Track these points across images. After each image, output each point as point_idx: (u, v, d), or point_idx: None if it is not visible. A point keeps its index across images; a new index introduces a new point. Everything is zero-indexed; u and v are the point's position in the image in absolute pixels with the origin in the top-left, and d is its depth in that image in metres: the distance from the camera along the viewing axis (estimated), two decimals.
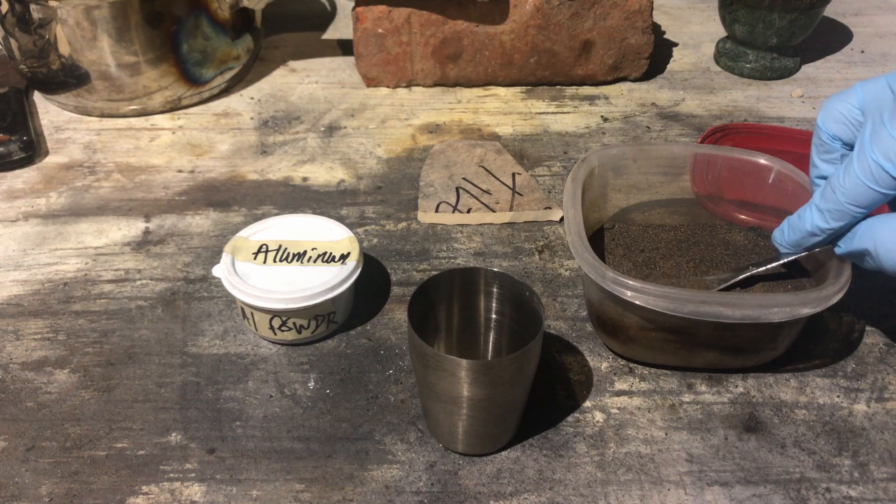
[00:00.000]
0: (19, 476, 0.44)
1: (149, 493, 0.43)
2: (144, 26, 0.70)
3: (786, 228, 0.47)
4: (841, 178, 0.41)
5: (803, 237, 0.45)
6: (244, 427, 0.46)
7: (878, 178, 0.39)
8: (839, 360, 0.51)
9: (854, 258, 0.43)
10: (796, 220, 0.45)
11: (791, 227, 0.46)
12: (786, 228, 0.47)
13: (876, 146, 0.39)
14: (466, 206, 0.62)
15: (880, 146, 0.39)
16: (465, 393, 0.40)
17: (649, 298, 0.43)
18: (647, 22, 0.77)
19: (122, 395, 0.48)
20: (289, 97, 0.79)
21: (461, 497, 0.43)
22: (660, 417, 0.47)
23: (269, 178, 0.67)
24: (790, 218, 0.46)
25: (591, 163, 0.54)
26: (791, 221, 0.46)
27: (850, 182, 0.41)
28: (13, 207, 0.64)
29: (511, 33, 0.76)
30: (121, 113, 0.75)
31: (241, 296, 0.48)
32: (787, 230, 0.46)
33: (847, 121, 0.44)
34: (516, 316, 0.45)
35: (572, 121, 0.75)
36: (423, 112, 0.76)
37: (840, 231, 0.43)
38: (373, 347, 0.51)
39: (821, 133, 0.45)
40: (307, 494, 0.43)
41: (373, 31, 0.75)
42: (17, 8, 0.68)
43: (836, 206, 0.42)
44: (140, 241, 0.60)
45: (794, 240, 0.46)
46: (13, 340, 0.52)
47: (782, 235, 0.47)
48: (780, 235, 0.47)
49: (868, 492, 0.43)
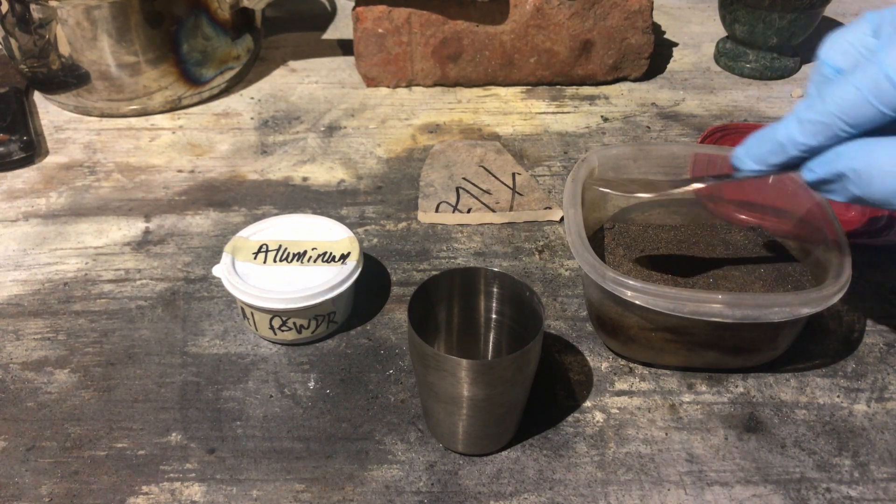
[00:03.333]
0: (19, 476, 0.44)
1: (149, 493, 0.43)
2: (144, 26, 0.70)
3: (752, 141, 0.40)
4: (838, 87, 0.35)
5: (772, 150, 0.39)
6: (244, 427, 0.46)
7: (884, 93, 0.34)
8: (839, 360, 0.51)
9: (824, 186, 0.38)
10: (767, 131, 0.39)
11: (759, 139, 0.39)
12: (752, 141, 0.40)
13: (890, 56, 0.33)
14: (466, 206, 0.62)
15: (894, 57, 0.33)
16: (465, 393, 0.40)
17: (649, 298, 0.43)
18: (647, 22, 0.77)
19: (122, 395, 0.48)
20: (289, 97, 0.79)
21: (461, 497, 0.43)
22: (660, 417, 0.47)
23: (269, 178, 0.67)
24: (760, 130, 0.40)
25: (591, 163, 0.54)
26: (760, 133, 0.39)
27: (848, 93, 0.35)
28: (13, 207, 0.64)
29: (511, 33, 0.76)
30: (121, 113, 0.75)
31: (242, 296, 0.48)
32: (754, 143, 0.40)
33: (856, 50, 0.38)
34: (516, 316, 0.45)
35: (572, 121, 0.75)
36: (423, 112, 0.76)
37: (814, 150, 0.37)
38: (373, 347, 0.51)
39: (823, 67, 0.39)
40: (307, 494, 0.43)
41: (373, 31, 0.75)
42: (17, 8, 0.68)
43: (821, 118, 0.36)
44: (140, 241, 0.60)
45: (761, 154, 0.39)
46: (13, 340, 0.52)
47: (746, 150, 0.40)
48: (744, 150, 0.40)
49: (868, 492, 0.43)
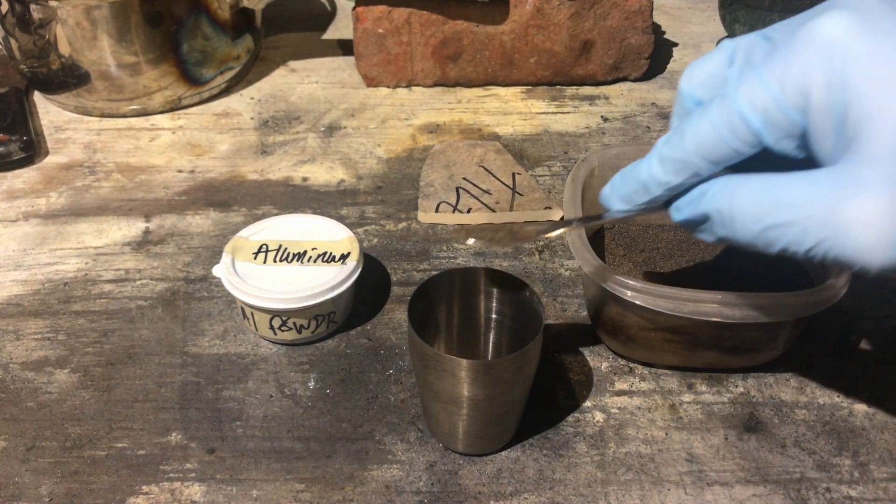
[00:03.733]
0: (19, 476, 0.44)
1: (149, 493, 0.43)
2: (144, 26, 0.70)
3: (617, 181, 0.38)
4: (694, 123, 0.34)
5: (636, 191, 0.37)
6: (244, 427, 0.46)
7: (738, 130, 0.33)
8: (839, 360, 0.51)
9: (692, 226, 0.36)
10: (630, 170, 0.38)
11: (623, 178, 0.38)
12: (617, 181, 0.38)
13: (742, 92, 0.32)
14: (466, 206, 0.62)
15: (747, 92, 0.32)
16: (465, 393, 0.40)
17: (649, 298, 0.43)
18: (647, 22, 0.77)
19: (122, 395, 0.48)
20: (289, 97, 0.79)
21: (461, 497, 0.43)
22: (660, 417, 0.47)
23: (269, 178, 0.67)
24: (623, 169, 0.38)
25: (591, 163, 0.54)
26: (624, 172, 0.38)
27: (704, 130, 0.34)
28: (13, 207, 0.64)
29: (511, 33, 0.76)
30: (121, 113, 0.75)
31: (241, 296, 0.48)
32: (619, 182, 0.38)
33: (714, 81, 0.37)
34: (516, 316, 0.45)
35: (572, 121, 0.75)
36: (423, 112, 0.76)
37: (678, 189, 0.36)
38: (373, 347, 0.51)
39: (683, 99, 0.38)
40: (307, 494, 0.43)
41: (373, 31, 0.75)
42: (17, 8, 0.68)
43: (680, 156, 0.35)
44: (140, 241, 0.60)
45: (625, 193, 0.38)
46: (13, 340, 0.52)
47: (612, 189, 0.39)
48: (610, 189, 0.39)
49: (868, 492, 0.43)
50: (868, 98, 0.30)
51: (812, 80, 0.31)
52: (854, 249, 0.30)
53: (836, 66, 0.30)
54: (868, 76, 0.30)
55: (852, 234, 0.30)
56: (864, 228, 0.29)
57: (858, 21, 0.30)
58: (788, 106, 0.32)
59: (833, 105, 0.31)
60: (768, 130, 0.32)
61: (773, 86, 0.32)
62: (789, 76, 0.31)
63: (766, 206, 0.32)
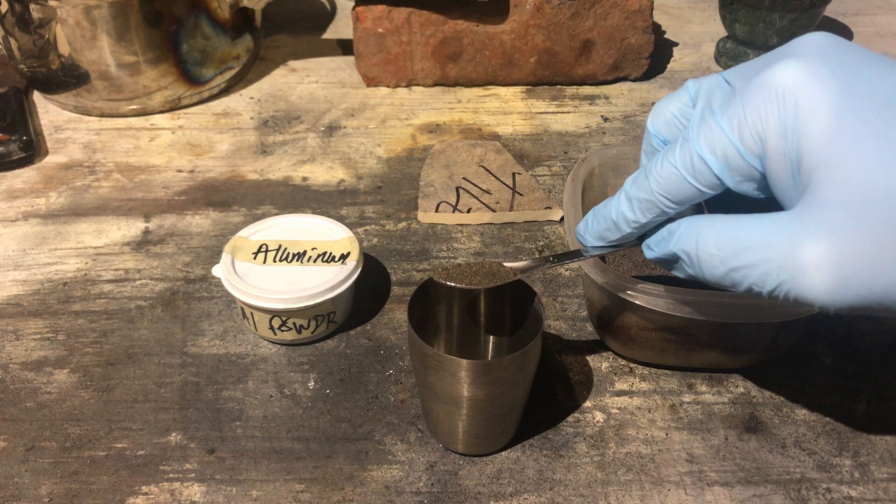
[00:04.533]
0: (19, 476, 0.43)
1: (148, 494, 0.43)
2: (144, 26, 0.70)
3: (590, 219, 0.41)
4: (658, 164, 0.36)
5: (608, 228, 0.39)
6: (244, 427, 0.46)
7: (699, 173, 0.34)
8: (839, 360, 0.51)
9: (666, 264, 0.38)
10: (601, 209, 0.40)
11: (596, 217, 0.40)
12: (590, 219, 0.41)
13: (702, 136, 0.34)
14: (466, 206, 0.62)
15: (706, 137, 0.34)
16: (465, 393, 0.40)
17: (649, 298, 0.43)
18: (648, 21, 0.77)
19: (121, 396, 0.48)
20: (289, 97, 0.79)
21: (461, 497, 0.42)
22: (660, 417, 0.47)
23: (269, 177, 0.67)
24: (596, 207, 0.41)
25: (592, 162, 0.54)
26: (596, 210, 0.40)
27: (667, 171, 0.35)
28: (13, 207, 0.64)
29: (511, 33, 0.75)
30: (120, 113, 0.75)
31: (241, 296, 0.48)
32: (592, 220, 0.40)
33: (678, 121, 0.39)
34: (516, 316, 0.45)
35: (572, 120, 0.75)
36: (423, 112, 0.76)
37: (648, 226, 0.38)
38: (373, 347, 0.51)
39: (651, 138, 0.40)
40: (307, 494, 0.43)
41: (373, 30, 0.75)
42: (16, 7, 0.68)
43: (646, 196, 0.37)
44: (140, 241, 0.60)
45: (598, 231, 0.40)
46: (13, 340, 0.52)
47: (586, 227, 0.41)
48: (584, 227, 0.41)
49: (868, 492, 0.43)
50: (819, 147, 0.31)
51: (768, 128, 0.32)
52: (811, 292, 0.31)
53: (790, 114, 0.32)
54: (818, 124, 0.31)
55: (808, 278, 0.31)
56: (817, 273, 0.31)
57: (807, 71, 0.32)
58: (746, 152, 0.33)
59: (788, 151, 0.32)
60: (728, 174, 0.34)
61: (732, 133, 0.33)
62: (746, 124, 0.33)
63: (729, 249, 0.33)
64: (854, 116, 0.31)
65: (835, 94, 0.31)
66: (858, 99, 0.31)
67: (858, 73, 0.32)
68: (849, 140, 0.31)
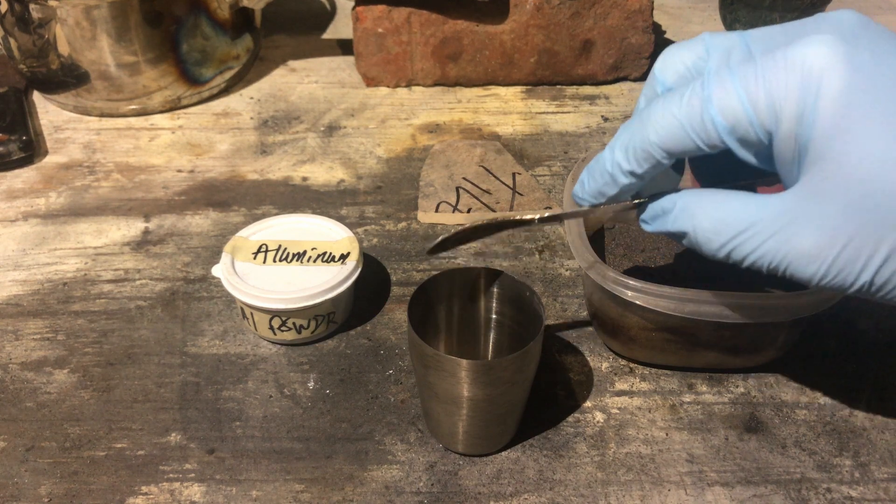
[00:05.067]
0: (18, 476, 0.43)
1: (148, 494, 0.43)
2: (144, 26, 0.70)
3: (585, 178, 0.39)
4: (658, 114, 0.34)
5: (605, 183, 0.37)
6: (244, 427, 0.46)
7: (704, 131, 0.33)
8: (839, 360, 0.51)
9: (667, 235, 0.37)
10: (594, 164, 0.38)
11: (591, 174, 0.38)
12: (585, 178, 0.39)
13: (715, 95, 0.32)
14: (466, 206, 0.62)
15: (720, 97, 0.32)
16: (465, 393, 0.40)
17: (649, 298, 0.43)
18: (648, 21, 0.77)
19: (121, 396, 0.48)
20: (288, 97, 0.78)
21: (461, 497, 0.42)
22: (660, 417, 0.47)
23: (269, 177, 0.67)
24: (588, 164, 0.39)
25: None
26: (590, 167, 0.38)
27: (669, 122, 0.34)
28: (12, 207, 0.64)
29: (511, 33, 0.75)
30: (120, 113, 0.74)
31: (241, 296, 0.48)
32: (587, 179, 0.38)
33: (689, 71, 0.37)
34: (516, 316, 0.45)
35: (573, 120, 0.75)
36: (423, 112, 0.76)
37: (644, 178, 0.36)
38: (373, 347, 0.51)
39: (656, 84, 0.38)
40: (307, 495, 0.43)
41: (373, 30, 0.75)
42: (16, 7, 0.68)
43: (643, 145, 0.35)
44: (139, 241, 0.60)
45: (596, 188, 0.38)
46: (13, 340, 0.52)
47: (582, 186, 0.39)
48: (581, 188, 0.39)
49: (869, 492, 0.43)
50: (830, 139, 0.31)
51: (785, 108, 0.32)
52: (805, 275, 0.33)
53: (810, 100, 0.31)
54: (834, 115, 0.31)
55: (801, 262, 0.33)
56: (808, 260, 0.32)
57: (836, 57, 0.31)
58: (758, 124, 0.32)
59: (799, 136, 0.32)
60: (733, 139, 0.33)
61: (747, 100, 0.32)
62: (764, 96, 0.32)
63: (726, 234, 0.34)
64: (872, 111, 0.31)
65: (859, 88, 0.31)
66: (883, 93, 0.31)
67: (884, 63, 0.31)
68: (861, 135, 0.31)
